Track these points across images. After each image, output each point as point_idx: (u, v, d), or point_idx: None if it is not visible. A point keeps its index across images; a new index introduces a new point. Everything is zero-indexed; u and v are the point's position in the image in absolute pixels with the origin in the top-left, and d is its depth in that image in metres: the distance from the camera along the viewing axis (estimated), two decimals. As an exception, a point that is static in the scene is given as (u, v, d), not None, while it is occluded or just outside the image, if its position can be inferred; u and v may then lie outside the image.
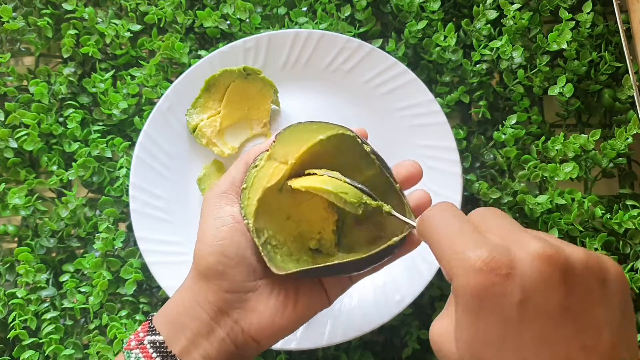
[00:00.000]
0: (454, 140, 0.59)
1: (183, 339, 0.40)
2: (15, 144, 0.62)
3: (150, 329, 0.40)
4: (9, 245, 0.63)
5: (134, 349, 0.40)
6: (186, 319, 0.40)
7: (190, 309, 0.40)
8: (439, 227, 0.31)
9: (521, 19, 0.62)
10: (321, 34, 0.61)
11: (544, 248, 0.27)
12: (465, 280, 0.28)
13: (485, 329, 0.28)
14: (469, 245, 0.28)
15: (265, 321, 0.40)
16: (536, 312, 0.27)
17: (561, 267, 0.27)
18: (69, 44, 0.64)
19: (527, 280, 0.27)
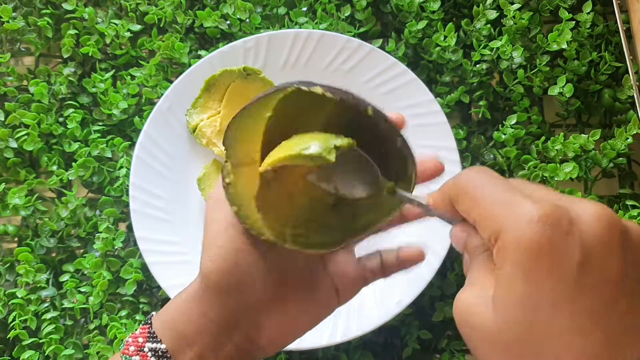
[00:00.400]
0: (454, 140, 0.59)
1: (190, 352, 0.37)
2: (15, 144, 0.62)
3: (151, 334, 0.38)
4: (9, 245, 0.63)
5: (133, 355, 0.37)
6: (194, 333, 0.37)
7: (198, 321, 0.37)
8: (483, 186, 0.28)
9: (521, 19, 0.62)
10: (321, 34, 0.61)
11: (605, 210, 0.25)
12: (521, 233, 0.25)
13: (539, 289, 0.25)
14: (524, 200, 0.26)
15: (276, 333, 0.39)
16: (595, 277, 0.25)
17: (621, 231, 0.25)
18: (69, 44, 0.64)
19: (588, 240, 0.25)
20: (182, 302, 0.39)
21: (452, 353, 0.58)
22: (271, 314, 0.38)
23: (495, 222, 0.26)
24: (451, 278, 0.59)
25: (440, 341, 0.58)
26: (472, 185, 0.29)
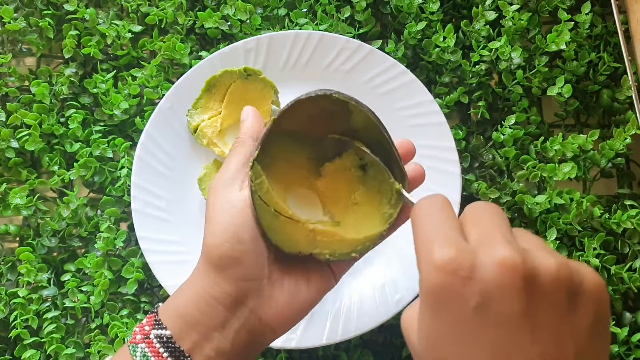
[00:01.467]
0: (453, 140, 0.59)
1: (194, 334, 0.38)
2: (16, 144, 0.62)
3: (157, 322, 0.39)
4: (11, 245, 0.63)
5: (140, 342, 0.38)
6: (198, 314, 0.38)
7: (202, 303, 0.38)
8: (422, 217, 0.31)
9: (520, 20, 0.62)
10: (321, 35, 0.61)
11: (510, 256, 0.27)
12: (427, 276, 0.28)
13: (441, 328, 0.28)
14: (439, 241, 0.28)
15: (282, 307, 0.39)
16: (492, 318, 0.27)
17: (523, 276, 0.27)
18: (70, 45, 0.64)
19: (486, 286, 0.27)
20: (185, 289, 0.40)
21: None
22: (274, 289, 0.39)
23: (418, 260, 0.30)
24: (450, 277, 0.59)
25: (440, 340, 0.58)
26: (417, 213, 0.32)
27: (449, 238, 0.29)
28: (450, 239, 0.28)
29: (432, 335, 0.28)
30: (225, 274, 0.38)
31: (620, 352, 0.56)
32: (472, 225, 0.30)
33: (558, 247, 0.58)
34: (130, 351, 0.38)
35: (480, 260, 0.27)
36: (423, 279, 0.28)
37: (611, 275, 0.58)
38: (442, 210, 0.31)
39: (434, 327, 0.28)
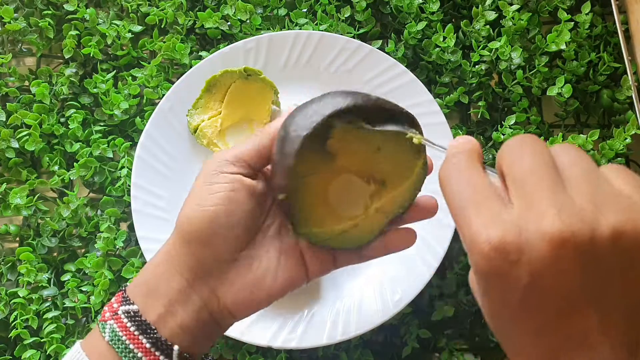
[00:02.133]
0: (453, 141, 0.59)
1: (158, 305, 0.38)
2: (16, 144, 0.62)
3: (124, 298, 0.39)
4: (11, 245, 0.63)
5: (109, 320, 0.38)
6: (161, 284, 0.38)
7: (166, 273, 0.39)
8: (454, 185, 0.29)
9: (520, 20, 0.62)
10: (321, 35, 0.61)
11: (559, 229, 0.25)
12: (476, 260, 0.26)
13: (492, 306, 0.28)
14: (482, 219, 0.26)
15: (242, 295, 0.39)
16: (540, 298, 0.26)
17: (577, 250, 0.25)
18: (70, 45, 0.64)
19: (536, 266, 0.25)
20: (153, 259, 0.40)
21: (451, 352, 0.58)
22: (238, 276, 0.39)
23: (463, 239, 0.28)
24: (450, 277, 0.59)
25: (440, 340, 0.58)
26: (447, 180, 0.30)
27: (492, 213, 0.26)
28: (494, 214, 0.26)
29: (485, 308, 0.29)
30: (192, 249, 0.38)
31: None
32: (513, 182, 0.27)
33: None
34: (99, 329, 0.39)
35: (528, 237, 0.25)
36: (473, 263, 0.27)
37: (611, 275, 0.58)
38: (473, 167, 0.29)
39: (487, 303, 0.28)
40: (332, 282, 0.59)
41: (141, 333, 0.38)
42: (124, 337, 0.38)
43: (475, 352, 0.59)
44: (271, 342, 0.55)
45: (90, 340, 0.39)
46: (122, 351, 0.37)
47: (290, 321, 0.56)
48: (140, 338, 0.38)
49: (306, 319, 0.56)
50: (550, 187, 0.26)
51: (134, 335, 0.38)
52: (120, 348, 0.38)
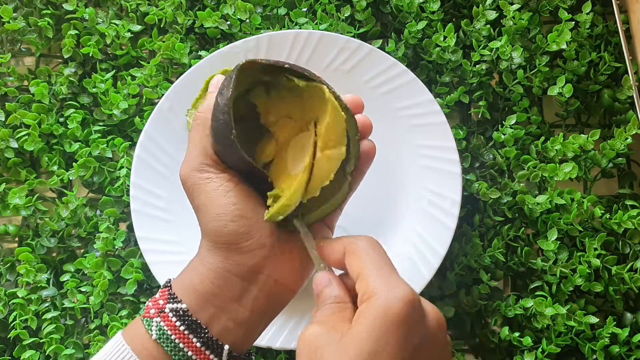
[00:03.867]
0: (454, 140, 0.59)
1: (211, 307, 0.38)
2: (15, 144, 0.62)
3: (171, 295, 0.39)
4: (10, 245, 0.63)
5: (154, 317, 0.38)
6: (214, 287, 0.39)
7: (217, 277, 0.39)
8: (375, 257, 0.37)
9: (521, 20, 0.62)
10: (321, 35, 0.61)
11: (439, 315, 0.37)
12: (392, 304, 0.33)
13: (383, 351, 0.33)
14: (400, 281, 0.36)
15: (296, 266, 0.41)
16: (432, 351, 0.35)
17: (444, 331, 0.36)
18: (69, 44, 0.64)
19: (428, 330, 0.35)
20: (197, 265, 0.40)
21: (452, 352, 0.58)
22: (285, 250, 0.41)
23: (373, 287, 0.35)
24: (451, 278, 0.59)
25: (440, 341, 0.58)
26: (367, 251, 0.37)
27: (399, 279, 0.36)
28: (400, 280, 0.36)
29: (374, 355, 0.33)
30: (237, 249, 0.39)
31: (621, 352, 0.56)
32: None
33: (559, 248, 0.58)
34: (144, 325, 0.38)
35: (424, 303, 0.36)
36: (385, 306, 0.33)
37: (612, 275, 0.58)
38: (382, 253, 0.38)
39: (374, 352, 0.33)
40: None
41: (191, 332, 0.38)
42: (173, 336, 0.38)
43: (475, 353, 0.59)
44: (270, 342, 0.55)
45: (134, 334, 0.39)
46: (172, 350, 0.37)
47: (290, 322, 0.56)
48: (191, 337, 0.38)
49: (306, 319, 0.56)
50: None
51: (184, 335, 0.38)
52: (170, 347, 0.37)
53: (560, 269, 0.57)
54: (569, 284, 0.57)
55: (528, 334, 0.57)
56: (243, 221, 0.39)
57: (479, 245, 0.59)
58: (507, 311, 0.58)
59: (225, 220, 0.39)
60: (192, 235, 0.58)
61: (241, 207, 0.39)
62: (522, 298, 0.58)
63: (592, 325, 0.56)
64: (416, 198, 0.59)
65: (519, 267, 0.60)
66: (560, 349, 0.55)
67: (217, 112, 0.40)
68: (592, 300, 0.59)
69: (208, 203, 0.40)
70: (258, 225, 0.40)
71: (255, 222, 0.39)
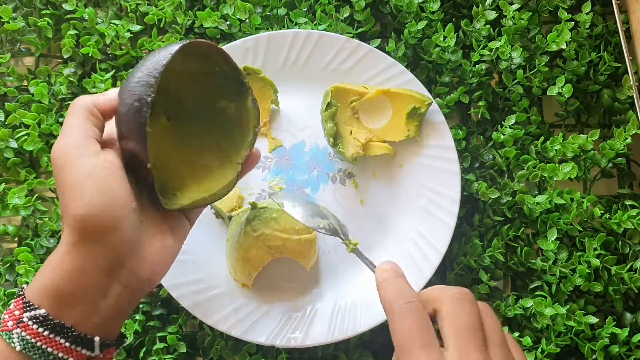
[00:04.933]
0: (452, 139, 0.59)
1: (77, 309, 0.37)
2: (15, 144, 0.62)
3: (26, 304, 0.37)
4: (9, 245, 0.63)
5: (13, 328, 0.37)
6: (76, 289, 0.37)
7: (79, 278, 0.37)
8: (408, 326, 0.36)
9: (520, 20, 0.62)
10: (320, 34, 0.61)
11: None
12: None
13: None
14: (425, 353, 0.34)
15: (157, 261, 0.40)
16: None
17: None
18: (69, 45, 0.64)
19: None
20: (54, 264, 0.38)
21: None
22: (149, 246, 0.40)
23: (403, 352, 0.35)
24: (450, 278, 0.59)
25: (440, 341, 0.58)
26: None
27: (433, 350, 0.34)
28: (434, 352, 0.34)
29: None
30: (101, 243, 0.37)
31: (621, 352, 0.56)
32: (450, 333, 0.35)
33: (558, 248, 0.58)
34: (4, 339, 0.37)
35: None
36: None
37: (612, 275, 0.57)
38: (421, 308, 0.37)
39: None
40: (333, 280, 0.59)
41: (57, 334, 0.37)
42: (39, 343, 0.36)
43: (475, 353, 0.59)
44: (273, 340, 0.55)
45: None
46: (40, 356, 0.36)
47: (292, 320, 0.56)
48: (57, 339, 0.37)
49: (308, 317, 0.56)
50: (479, 346, 0.35)
51: (50, 338, 0.36)
52: (37, 354, 0.36)
53: (560, 269, 0.57)
54: (568, 284, 0.57)
55: (528, 334, 0.57)
56: (113, 214, 0.37)
57: (478, 245, 0.59)
58: (507, 311, 0.58)
59: (96, 208, 0.37)
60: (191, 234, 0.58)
61: (110, 196, 0.38)
62: (522, 298, 0.58)
63: (592, 325, 0.56)
64: (416, 196, 0.59)
65: (518, 267, 0.59)
66: (560, 349, 0.55)
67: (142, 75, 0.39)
68: (592, 300, 0.59)
69: (78, 185, 0.37)
70: (128, 218, 0.38)
71: (126, 214, 0.38)
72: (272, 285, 0.58)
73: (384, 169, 0.61)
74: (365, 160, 0.61)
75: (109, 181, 0.38)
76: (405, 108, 0.58)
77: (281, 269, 0.58)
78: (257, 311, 0.57)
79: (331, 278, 0.59)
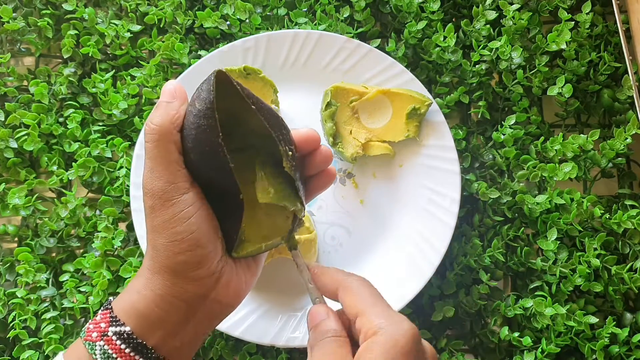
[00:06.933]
0: (452, 139, 0.59)
1: (158, 331, 0.38)
2: (15, 144, 0.62)
3: (113, 319, 0.38)
4: (9, 245, 0.63)
5: (97, 340, 0.37)
6: (161, 312, 0.38)
7: (163, 302, 0.38)
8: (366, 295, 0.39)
9: (520, 20, 0.62)
10: (319, 34, 0.61)
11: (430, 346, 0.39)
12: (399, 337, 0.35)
13: None
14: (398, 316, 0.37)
15: (238, 288, 0.41)
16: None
17: None
18: (69, 45, 0.64)
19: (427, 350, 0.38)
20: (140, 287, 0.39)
21: (452, 352, 0.58)
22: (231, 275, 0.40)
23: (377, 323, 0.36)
24: (450, 278, 0.59)
25: (440, 340, 0.58)
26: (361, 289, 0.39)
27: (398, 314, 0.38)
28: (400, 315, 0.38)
29: None
30: (186, 276, 0.38)
31: (621, 352, 0.56)
32: None
33: (558, 248, 0.58)
34: (87, 349, 0.38)
35: None
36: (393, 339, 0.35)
37: (612, 275, 0.57)
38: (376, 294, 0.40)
39: None
40: (332, 282, 0.58)
41: (137, 353, 0.37)
42: (120, 359, 0.37)
43: (475, 353, 0.59)
44: (273, 340, 0.55)
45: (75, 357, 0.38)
46: None
47: (293, 320, 0.56)
48: (137, 358, 0.37)
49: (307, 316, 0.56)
50: None
51: (130, 356, 0.37)
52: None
53: (560, 269, 0.57)
54: (568, 284, 0.57)
55: (528, 334, 0.57)
56: (199, 251, 0.38)
57: (478, 245, 0.59)
58: (507, 311, 0.58)
59: (180, 248, 0.38)
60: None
61: (198, 235, 0.38)
62: (522, 298, 0.58)
63: (592, 325, 0.56)
64: (416, 196, 0.59)
65: (518, 267, 0.59)
66: (560, 349, 0.55)
67: (197, 119, 0.37)
68: (592, 300, 0.59)
69: (165, 227, 0.38)
70: (211, 255, 0.39)
71: (210, 251, 0.39)
72: (272, 285, 0.58)
73: (384, 169, 0.61)
74: (365, 160, 0.61)
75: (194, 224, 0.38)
76: (405, 108, 0.58)
77: (281, 269, 0.58)
78: (257, 311, 0.57)
79: (331, 278, 0.59)
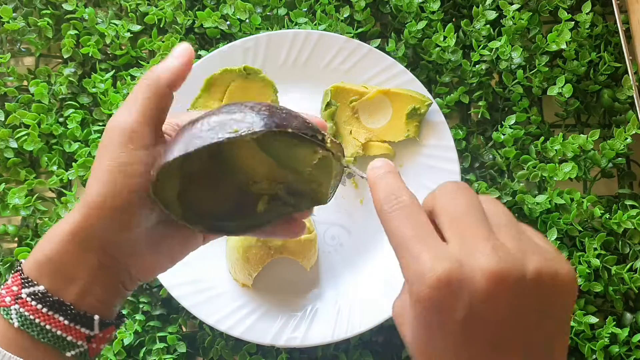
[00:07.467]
0: (452, 139, 0.59)
1: (74, 287, 0.36)
2: (15, 144, 0.62)
3: (25, 280, 0.36)
4: (9, 245, 0.63)
5: (11, 304, 0.36)
6: (73, 266, 0.36)
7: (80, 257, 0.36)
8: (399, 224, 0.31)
9: (520, 20, 0.62)
10: (319, 34, 0.61)
11: (497, 265, 0.28)
12: (418, 290, 0.28)
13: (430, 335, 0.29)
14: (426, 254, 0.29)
15: (153, 266, 0.40)
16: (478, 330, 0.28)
17: (511, 285, 0.28)
18: (69, 45, 0.64)
19: (475, 298, 0.28)
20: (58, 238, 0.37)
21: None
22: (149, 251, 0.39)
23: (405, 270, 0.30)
24: (450, 278, 0.59)
25: (440, 341, 0.58)
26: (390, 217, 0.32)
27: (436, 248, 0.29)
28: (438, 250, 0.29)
29: (421, 341, 0.30)
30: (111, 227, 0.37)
31: (621, 352, 0.56)
32: (449, 221, 0.30)
33: (558, 248, 0.58)
34: (2, 315, 0.36)
35: (469, 272, 0.28)
36: (414, 293, 0.29)
37: (612, 275, 0.57)
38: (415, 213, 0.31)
39: (423, 335, 0.30)
40: (333, 279, 0.59)
41: (55, 312, 0.36)
42: (38, 320, 0.36)
43: (475, 353, 0.59)
44: (274, 340, 0.55)
45: None
46: (39, 333, 0.36)
47: (293, 319, 0.56)
48: (57, 316, 0.36)
49: (308, 317, 0.56)
50: (484, 228, 0.30)
51: (49, 316, 0.36)
52: (36, 331, 0.36)
53: (560, 269, 0.57)
54: (568, 284, 0.57)
55: (528, 334, 0.57)
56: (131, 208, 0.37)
57: (478, 245, 0.59)
58: (507, 311, 0.58)
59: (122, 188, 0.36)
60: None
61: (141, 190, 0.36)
62: (522, 298, 0.58)
63: (592, 325, 0.56)
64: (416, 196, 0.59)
65: (518, 267, 0.59)
66: (560, 349, 0.55)
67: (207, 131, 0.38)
68: (592, 300, 0.59)
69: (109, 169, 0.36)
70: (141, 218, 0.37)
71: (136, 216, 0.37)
72: (272, 285, 0.58)
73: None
74: (365, 160, 0.61)
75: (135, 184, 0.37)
76: (405, 108, 0.58)
77: (281, 269, 0.58)
78: (257, 311, 0.57)
79: (331, 278, 0.59)
